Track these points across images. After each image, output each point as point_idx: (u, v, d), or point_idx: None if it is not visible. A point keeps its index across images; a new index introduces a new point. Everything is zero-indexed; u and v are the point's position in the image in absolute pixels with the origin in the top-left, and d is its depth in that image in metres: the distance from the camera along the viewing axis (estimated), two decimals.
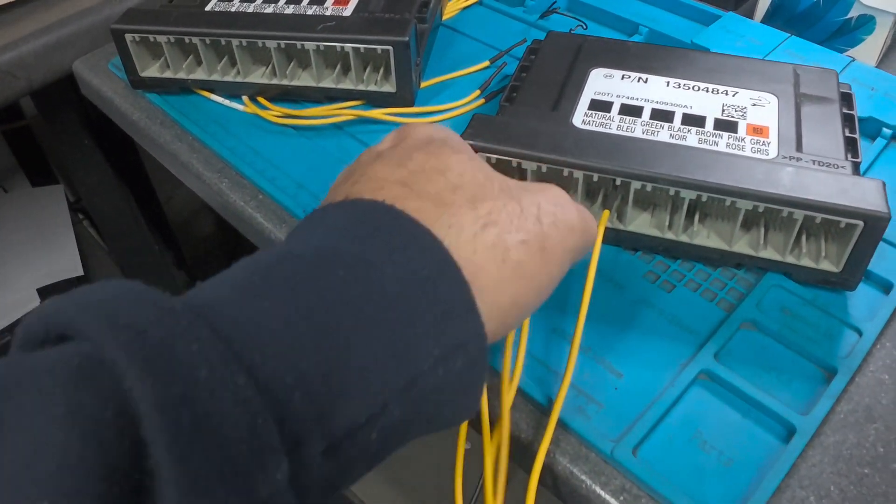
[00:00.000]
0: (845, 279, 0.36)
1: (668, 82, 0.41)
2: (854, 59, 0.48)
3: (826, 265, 0.35)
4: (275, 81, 0.47)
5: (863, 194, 0.33)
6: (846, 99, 0.41)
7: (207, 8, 0.48)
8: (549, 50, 0.45)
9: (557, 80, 0.42)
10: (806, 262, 0.36)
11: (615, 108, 0.39)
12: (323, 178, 0.43)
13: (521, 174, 0.37)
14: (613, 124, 0.38)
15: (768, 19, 0.53)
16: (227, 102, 0.48)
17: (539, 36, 0.47)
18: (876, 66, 0.51)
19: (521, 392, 0.33)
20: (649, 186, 0.35)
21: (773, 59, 0.47)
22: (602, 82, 0.41)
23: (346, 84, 0.47)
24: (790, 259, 0.36)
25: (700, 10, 0.54)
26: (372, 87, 0.46)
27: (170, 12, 0.48)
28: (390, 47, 0.44)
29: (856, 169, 0.36)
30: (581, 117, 0.39)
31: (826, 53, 0.48)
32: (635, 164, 0.35)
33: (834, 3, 0.49)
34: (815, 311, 0.36)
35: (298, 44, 0.45)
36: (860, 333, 0.35)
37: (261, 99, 0.48)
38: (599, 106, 0.39)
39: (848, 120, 0.39)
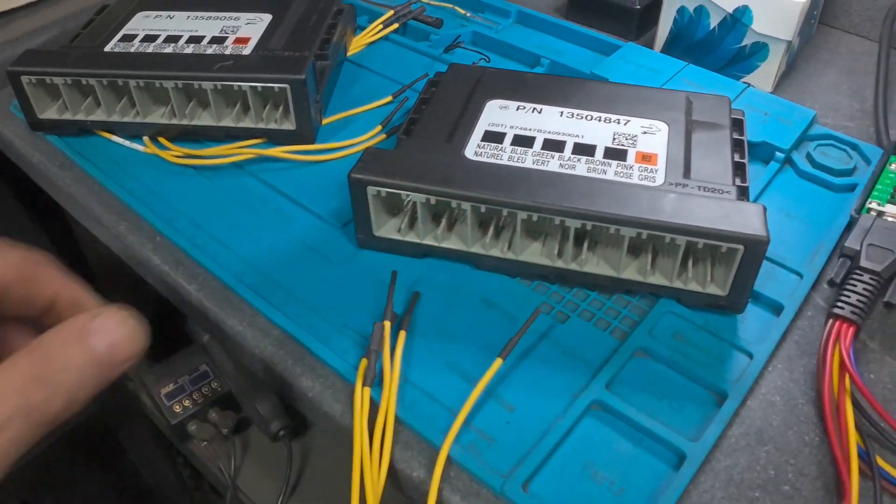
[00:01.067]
0: (733, 302, 0.36)
1: (563, 112, 0.41)
2: (749, 85, 0.49)
3: (713, 289, 0.36)
4: (175, 121, 0.47)
5: (743, 219, 0.34)
6: (737, 125, 0.42)
7: (107, 49, 0.48)
8: (450, 82, 0.45)
9: (454, 111, 0.42)
10: (693, 286, 0.36)
11: (508, 139, 0.39)
12: (221, 218, 0.42)
13: (412, 207, 0.37)
14: (505, 155, 0.38)
15: (667, 48, 0.54)
16: (127, 143, 0.48)
17: (442, 69, 0.48)
18: (772, 92, 0.52)
19: (412, 430, 0.32)
20: (535, 216, 0.35)
21: (670, 88, 0.48)
22: (497, 113, 0.41)
23: (246, 122, 0.46)
24: (678, 284, 0.36)
25: (601, 41, 0.55)
26: (272, 125, 0.46)
27: (68, 53, 0.47)
28: (287, 85, 0.43)
29: (742, 193, 0.37)
30: (473, 149, 0.39)
31: (722, 80, 0.49)
32: (521, 194, 0.35)
33: (728, 31, 0.51)
34: (706, 336, 0.36)
35: (196, 83, 0.44)
36: (751, 356, 0.35)
37: (161, 139, 0.47)
38: (492, 137, 0.40)
39: (737, 145, 0.40)
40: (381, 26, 0.56)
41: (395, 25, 0.56)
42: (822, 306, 0.38)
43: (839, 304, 0.36)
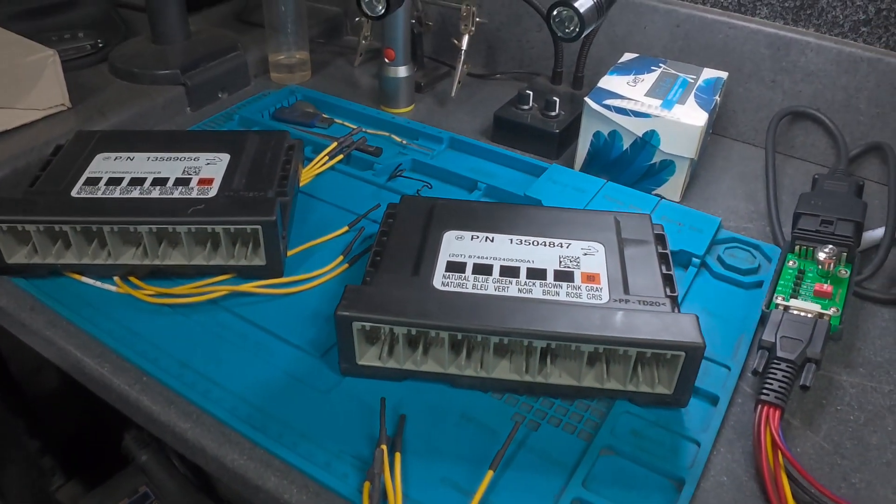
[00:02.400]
0: (678, 398, 0.42)
1: (512, 239, 0.47)
2: (662, 198, 0.56)
3: (660, 389, 0.41)
4: (146, 262, 0.49)
5: (681, 329, 0.40)
6: (660, 240, 0.48)
7: (73, 193, 0.50)
8: (404, 214, 0.50)
9: (414, 244, 0.47)
10: (644, 388, 0.42)
11: (469, 268, 0.44)
12: (205, 355, 0.45)
13: (390, 336, 0.41)
14: (469, 283, 0.43)
15: (586, 167, 0.61)
16: (98, 284, 0.50)
17: (389, 197, 0.53)
18: (679, 201, 0.60)
19: None
20: (506, 339, 0.40)
21: (596, 206, 0.55)
22: (455, 244, 0.46)
23: (217, 260, 0.49)
24: (630, 387, 0.42)
25: (527, 163, 0.61)
26: (242, 262, 0.49)
27: (35, 200, 0.49)
28: (259, 226, 0.47)
29: (674, 302, 0.43)
30: (440, 279, 0.44)
31: (638, 195, 0.56)
32: (493, 321, 0.40)
33: (639, 151, 0.58)
34: (659, 430, 0.41)
35: (171, 227, 0.48)
36: (698, 444, 0.41)
37: (132, 278, 0.50)
38: (455, 267, 0.45)
39: (663, 258, 0.47)
40: (326, 157, 0.61)
41: (340, 157, 0.61)
42: (749, 393, 0.44)
43: (764, 391, 0.42)
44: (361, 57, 0.79)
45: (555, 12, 0.52)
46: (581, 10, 0.51)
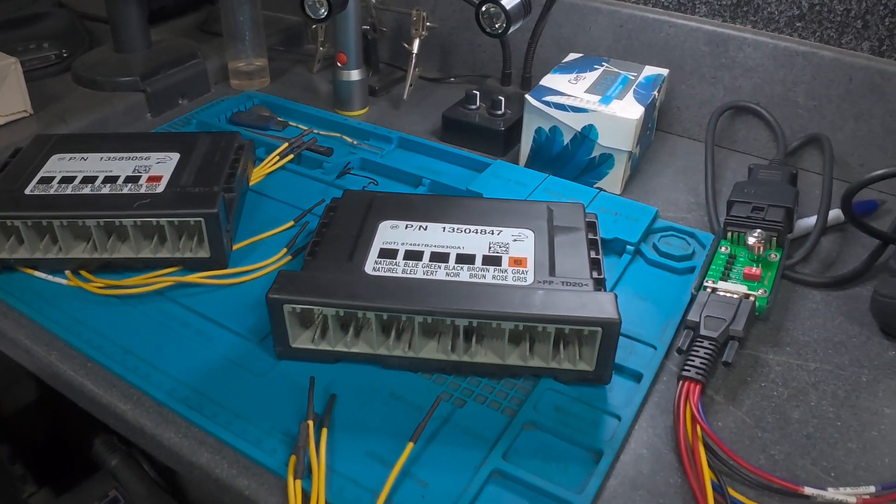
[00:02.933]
0: (599, 375, 0.43)
1: (445, 227, 0.49)
2: (602, 190, 0.58)
3: (582, 366, 0.43)
4: (96, 255, 0.51)
5: (599, 306, 0.41)
6: (591, 227, 0.50)
7: (27, 191, 0.52)
8: (345, 207, 0.51)
9: (352, 233, 0.48)
10: (566, 365, 0.43)
11: (400, 255, 0.46)
12: (148, 341, 0.46)
13: (322, 319, 0.43)
14: (399, 269, 0.45)
15: (530, 163, 0.63)
16: (50, 278, 0.51)
17: (336, 194, 0.54)
18: (620, 194, 0.61)
19: None
20: (430, 319, 0.42)
21: (534, 198, 0.57)
22: (389, 233, 0.48)
23: (164, 253, 0.51)
24: (553, 364, 0.43)
25: (473, 160, 0.63)
26: (188, 254, 0.51)
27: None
28: (202, 219, 0.49)
29: (598, 284, 0.45)
30: (372, 265, 0.45)
31: (578, 188, 0.58)
32: (416, 302, 0.41)
33: (579, 146, 0.60)
34: (581, 406, 0.43)
35: (117, 221, 0.49)
36: (619, 418, 0.42)
37: (83, 272, 0.52)
38: (387, 254, 0.46)
39: (592, 244, 0.48)
40: (277, 157, 0.62)
41: (291, 156, 0.63)
42: (675, 371, 0.46)
43: (686, 367, 0.44)
44: (319, 63, 0.81)
45: (483, 8, 0.54)
46: (507, 7, 0.53)
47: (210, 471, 0.40)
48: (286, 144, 0.63)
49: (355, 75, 0.70)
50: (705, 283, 0.50)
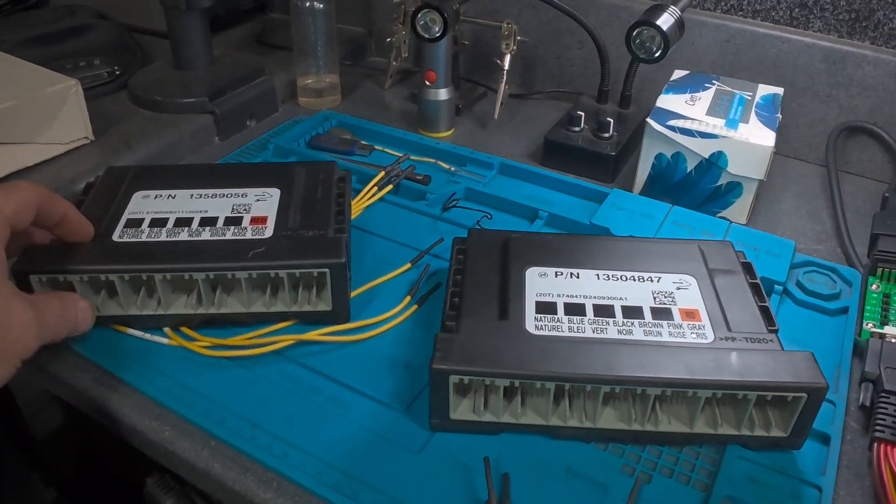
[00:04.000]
0: (793, 441, 0.39)
1: (598, 275, 0.44)
2: (731, 222, 0.54)
3: (776, 432, 0.39)
4: (200, 311, 0.46)
5: (799, 369, 0.37)
6: (748, 269, 0.46)
7: (115, 237, 0.46)
8: (475, 250, 0.47)
9: (494, 283, 0.44)
10: (759, 432, 0.39)
11: (560, 309, 0.41)
12: (275, 412, 0.41)
13: (494, 391, 0.38)
14: (564, 326, 0.40)
15: (647, 190, 0.59)
16: (147, 336, 0.46)
17: (447, 229, 0.50)
18: (746, 224, 0.57)
19: None
20: (617, 388, 0.37)
21: (666, 232, 0.52)
22: (539, 282, 0.44)
23: (279, 307, 0.46)
24: (745, 431, 0.39)
25: (585, 188, 0.59)
26: (306, 307, 0.46)
27: (76, 247, 0.45)
28: (327, 269, 0.44)
29: (777, 338, 0.40)
30: (532, 323, 0.41)
31: (708, 220, 0.54)
32: (600, 368, 0.37)
33: (704, 173, 0.56)
34: (776, 476, 0.38)
35: (230, 273, 0.44)
36: (820, 489, 0.38)
37: (184, 329, 0.46)
38: (545, 308, 0.42)
39: (755, 289, 0.44)
40: (375, 188, 0.57)
41: (390, 187, 0.58)
42: (856, 428, 0.42)
43: (878, 427, 0.40)
44: (392, 78, 0.76)
45: (635, 32, 0.50)
46: (664, 28, 0.48)
47: None
48: (382, 173, 0.58)
49: (444, 94, 0.65)
50: (867, 327, 0.46)
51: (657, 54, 0.51)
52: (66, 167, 0.59)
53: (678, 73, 0.63)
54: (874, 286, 0.49)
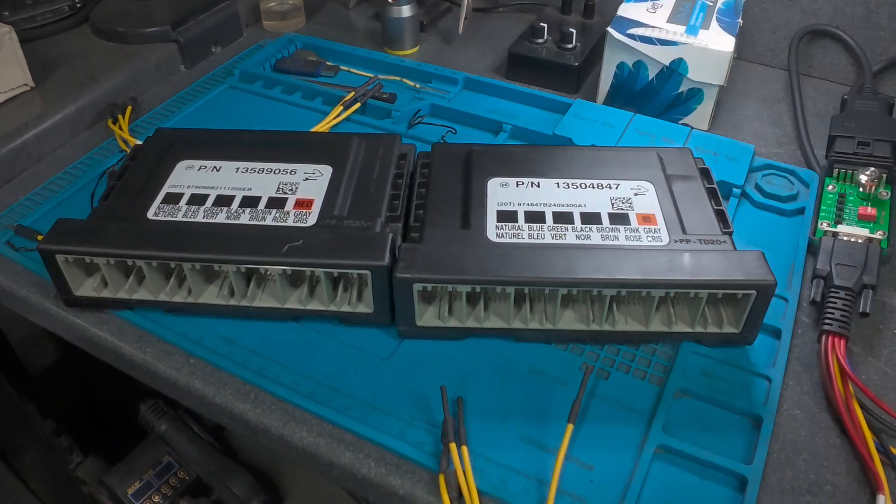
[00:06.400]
0: (745, 336, 0.41)
1: (558, 184, 0.45)
2: (692, 128, 0.55)
3: (728, 328, 0.41)
4: (232, 303, 0.43)
5: (751, 267, 0.39)
6: (705, 174, 0.47)
7: (150, 215, 0.44)
8: (439, 163, 0.47)
9: (457, 194, 0.45)
10: (712, 328, 0.41)
11: (521, 217, 0.43)
12: (251, 329, 0.43)
13: (458, 297, 0.40)
14: (524, 233, 0.42)
15: (610, 100, 0.59)
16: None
17: (412, 145, 0.50)
18: (707, 130, 0.58)
19: None
20: (575, 290, 0.39)
21: (628, 141, 0.53)
22: (501, 192, 0.45)
23: (315, 305, 0.43)
24: (698, 328, 0.41)
25: (549, 100, 0.59)
26: (345, 308, 0.42)
27: (106, 227, 0.42)
28: (368, 272, 0.40)
29: (731, 239, 0.42)
30: (494, 231, 0.42)
31: (669, 127, 0.55)
32: (559, 271, 0.38)
33: (666, 81, 0.56)
34: (729, 369, 0.41)
35: (263, 268, 0.41)
36: (769, 380, 0.40)
37: None
38: (506, 217, 0.43)
39: (711, 194, 0.45)
40: (341, 108, 0.58)
41: (357, 105, 0.58)
42: (808, 323, 0.44)
43: (826, 321, 0.42)
44: None
45: None
46: None
47: (355, 471, 0.37)
48: (352, 94, 0.58)
49: (406, 11, 0.65)
50: (821, 227, 0.48)
51: None
52: (6, 119, 0.57)
53: None
54: (830, 187, 0.51)
